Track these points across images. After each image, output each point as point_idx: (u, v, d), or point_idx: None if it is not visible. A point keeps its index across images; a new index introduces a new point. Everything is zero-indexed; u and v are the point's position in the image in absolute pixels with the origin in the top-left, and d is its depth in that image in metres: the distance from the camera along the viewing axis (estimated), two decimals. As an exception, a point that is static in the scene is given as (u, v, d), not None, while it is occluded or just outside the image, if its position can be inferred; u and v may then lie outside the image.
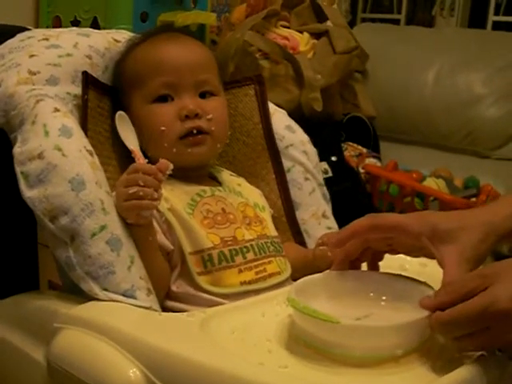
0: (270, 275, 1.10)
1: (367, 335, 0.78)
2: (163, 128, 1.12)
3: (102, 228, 0.98)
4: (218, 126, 1.16)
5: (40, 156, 0.99)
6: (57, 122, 1.03)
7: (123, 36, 1.29)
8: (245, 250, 1.09)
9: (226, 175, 1.23)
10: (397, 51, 2.64)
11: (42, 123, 1.02)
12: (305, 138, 1.38)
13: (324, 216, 1.34)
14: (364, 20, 3.19)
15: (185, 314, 0.95)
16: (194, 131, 1.13)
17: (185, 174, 1.13)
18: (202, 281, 1.05)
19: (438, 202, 1.92)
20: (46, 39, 1.19)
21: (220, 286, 1.05)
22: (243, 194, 1.20)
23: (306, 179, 1.34)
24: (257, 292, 1.07)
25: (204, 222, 1.09)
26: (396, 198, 2.00)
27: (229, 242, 1.08)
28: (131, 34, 1.31)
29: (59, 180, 0.98)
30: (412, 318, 0.79)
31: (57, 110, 1.06)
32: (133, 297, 0.98)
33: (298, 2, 2.52)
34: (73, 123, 1.05)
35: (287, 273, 1.14)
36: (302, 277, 0.96)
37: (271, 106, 1.38)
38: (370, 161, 2.14)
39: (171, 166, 1.03)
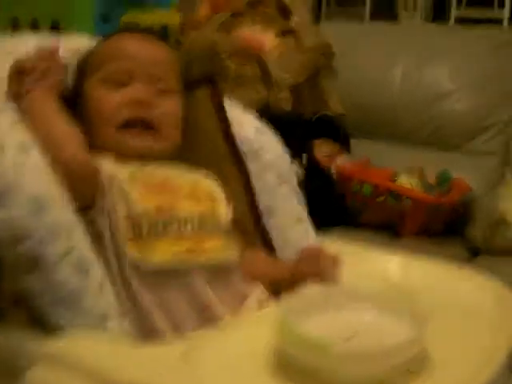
0: (208, 251, 1.05)
1: (360, 361, 0.76)
2: (106, 110, 1.10)
3: (68, 252, 0.93)
4: (169, 123, 1.13)
5: None
6: (14, 137, 0.98)
7: (84, 42, 1.25)
8: (182, 221, 1.05)
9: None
10: (362, 48, 2.61)
11: None
12: (275, 140, 1.35)
13: (300, 220, 1.31)
14: (328, 15, 3.17)
15: (162, 343, 0.91)
16: (138, 121, 1.10)
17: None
18: (130, 247, 1.00)
19: (410, 200, 1.90)
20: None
21: (147, 257, 0.99)
22: (198, 179, 1.14)
23: (279, 183, 1.31)
24: (189, 270, 1.02)
25: (141, 190, 1.04)
26: (369, 197, 1.97)
27: (164, 211, 1.04)
28: (92, 39, 1.26)
29: (19, 202, 0.92)
30: (402, 339, 0.78)
31: (14, 123, 1.01)
32: (104, 326, 0.93)
33: (261, 1, 2.48)
34: (33, 137, 1.00)
35: (233, 256, 1.08)
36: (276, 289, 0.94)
37: (239, 110, 1.35)
38: (342, 159, 2.11)
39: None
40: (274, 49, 2.35)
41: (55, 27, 2.13)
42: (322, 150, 2.17)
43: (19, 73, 1.07)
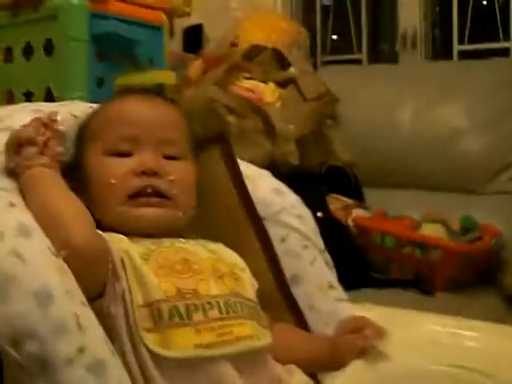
0: (238, 339, 0.92)
1: None
2: (113, 181, 0.99)
3: (80, 351, 0.80)
4: (182, 191, 1.02)
5: None
6: (12, 220, 0.87)
7: (80, 109, 1.14)
8: (207, 306, 0.92)
9: (200, 241, 1.06)
10: (365, 92, 2.52)
11: None
12: (295, 199, 1.24)
13: (331, 287, 1.19)
14: (324, 63, 3.08)
15: None
16: (149, 190, 0.99)
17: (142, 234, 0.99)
18: (149, 339, 0.87)
19: (440, 250, 1.77)
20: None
21: (169, 348, 0.87)
22: (215, 251, 1.03)
23: (305, 247, 1.19)
24: (217, 359, 0.89)
25: (159, 272, 0.92)
26: (393, 250, 1.84)
27: (187, 295, 0.91)
28: (89, 105, 1.15)
29: (20, 295, 0.80)
30: None
31: (12, 204, 0.89)
32: None
33: (258, 52, 2.40)
34: (33, 219, 0.88)
35: (265, 340, 0.96)
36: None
37: (253, 168, 1.24)
38: (358, 212, 1.99)
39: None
40: (275, 100, 2.25)
41: (49, 95, 2.02)
42: (336, 202, 2.05)
43: (16, 146, 0.97)
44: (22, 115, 1.04)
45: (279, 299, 1.14)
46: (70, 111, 1.11)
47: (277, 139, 2.05)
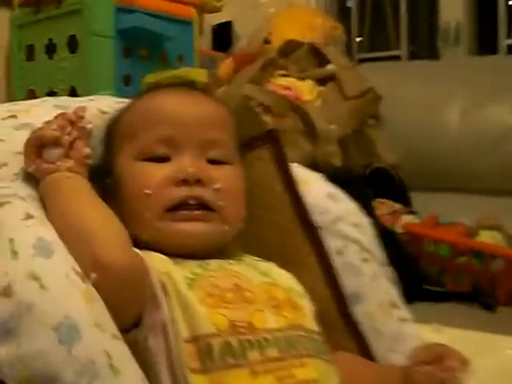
0: (301, 382, 0.77)
1: None
2: (148, 191, 0.84)
3: None
4: (229, 201, 0.87)
5: (6, 292, 0.68)
6: (29, 235, 0.73)
7: (109, 104, 1.00)
8: (264, 342, 0.77)
9: (249, 259, 0.92)
10: (407, 89, 2.39)
11: (7, 238, 0.72)
12: (352, 206, 1.09)
13: (394, 305, 1.04)
14: (361, 61, 2.93)
15: None
16: (191, 202, 0.84)
17: (182, 253, 0.84)
18: (197, 381, 0.72)
19: (501, 259, 1.61)
20: (14, 116, 0.91)
21: None
22: (269, 273, 0.88)
23: (365, 260, 1.05)
24: None
25: (207, 301, 0.78)
26: (448, 259, 1.68)
27: (241, 329, 0.76)
28: (119, 100, 1.01)
29: (39, 328, 0.66)
30: None
31: (29, 216, 0.75)
32: None
33: (294, 47, 2.25)
34: (53, 234, 0.74)
35: (333, 381, 0.81)
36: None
37: (303, 171, 1.09)
38: (407, 218, 1.84)
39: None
40: (314, 98, 2.10)
41: (73, 94, 1.90)
42: (382, 207, 1.89)
43: (38, 146, 0.84)
44: (42, 111, 0.91)
45: (337, 320, 1.00)
46: (98, 106, 0.98)
47: (318, 140, 1.90)
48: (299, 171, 1.07)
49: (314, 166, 1.86)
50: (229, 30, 3.00)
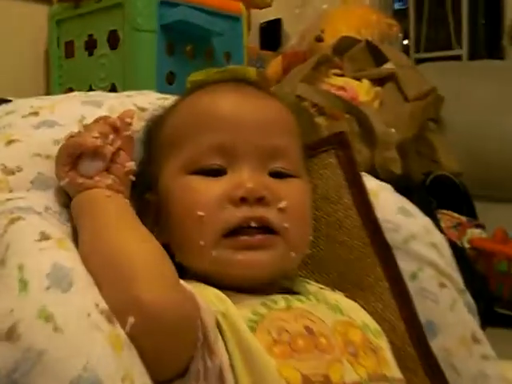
0: None
1: None
2: (201, 213, 0.70)
3: None
4: (296, 223, 0.73)
5: (11, 334, 0.54)
6: (44, 261, 0.59)
7: (149, 100, 0.86)
8: None
9: (314, 287, 0.78)
10: (470, 91, 2.20)
11: (15, 265, 0.58)
12: (427, 222, 0.94)
13: (475, 340, 0.88)
14: (419, 61, 2.75)
15: None
16: (253, 224, 0.69)
17: (240, 285, 0.71)
18: None
19: None
20: (35, 113, 0.78)
21: None
22: (342, 309, 0.75)
23: (442, 286, 0.90)
24: None
25: (275, 349, 0.64)
26: (523, 279, 1.51)
27: None
28: (160, 96, 0.88)
29: (51, 382, 0.51)
30: None
31: (45, 236, 0.62)
32: None
33: (350, 45, 2.09)
34: (74, 260, 0.60)
35: None
36: None
37: (370, 180, 0.94)
38: (474, 232, 1.66)
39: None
40: (371, 99, 1.94)
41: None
42: (446, 220, 1.72)
43: (74, 156, 0.71)
44: (68, 107, 0.78)
45: (412, 357, 0.84)
46: (136, 102, 0.84)
47: (376, 144, 1.74)
48: (366, 180, 0.92)
49: (371, 173, 1.71)
50: (278, 28, 2.86)
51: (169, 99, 0.88)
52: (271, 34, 2.85)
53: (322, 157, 0.88)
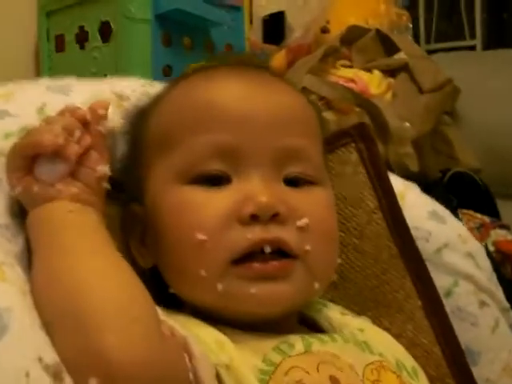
0: None
1: None
2: (201, 237, 0.56)
3: None
4: (320, 244, 0.59)
5: None
6: None
7: (132, 87, 0.72)
8: None
9: (334, 313, 0.64)
10: (486, 82, 2.07)
11: None
12: (461, 228, 0.81)
13: None
14: (430, 52, 2.61)
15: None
16: (267, 249, 0.56)
17: (250, 322, 0.58)
18: None
19: None
20: None
21: None
22: (372, 345, 0.61)
23: (482, 304, 0.77)
24: None
25: None
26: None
27: None
28: (146, 82, 0.74)
29: None
30: None
31: None
32: None
33: (358, 34, 1.95)
34: (13, 295, 0.48)
35: None
36: None
37: (395, 179, 0.81)
38: (498, 233, 1.53)
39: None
40: (383, 92, 1.81)
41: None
42: (468, 220, 1.59)
43: (29, 157, 0.58)
44: (29, 94, 0.64)
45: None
46: (114, 89, 0.70)
47: (391, 140, 1.61)
48: (395, 180, 0.79)
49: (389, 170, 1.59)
50: (281, 21, 2.72)
51: (155, 86, 0.75)
52: (274, 27, 2.71)
53: (339, 152, 0.75)
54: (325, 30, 2.34)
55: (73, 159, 0.58)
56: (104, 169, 0.60)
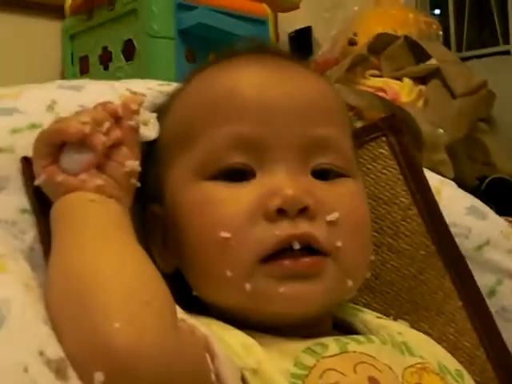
0: None
1: None
2: (225, 234, 0.53)
3: None
4: (352, 240, 0.55)
5: None
6: None
7: (148, 86, 0.69)
8: None
9: (370, 317, 0.59)
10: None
11: None
12: (503, 224, 0.76)
13: None
14: (462, 60, 2.56)
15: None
16: (296, 246, 0.52)
17: (280, 324, 0.54)
18: None
19: None
20: None
21: None
22: (412, 347, 0.56)
23: None
24: None
25: None
26: None
27: None
28: (163, 83, 0.71)
29: None
30: None
31: None
32: None
33: (387, 42, 1.91)
34: (14, 285, 0.44)
35: None
36: None
37: (430, 174, 0.77)
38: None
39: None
40: (414, 99, 1.76)
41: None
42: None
43: (55, 146, 0.55)
44: (37, 93, 0.62)
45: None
46: (130, 87, 0.67)
47: (424, 147, 1.55)
48: (431, 176, 0.74)
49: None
50: (308, 36, 2.69)
51: (173, 86, 0.72)
52: (301, 42, 2.69)
53: (369, 147, 0.71)
54: (352, 43, 2.30)
55: (99, 149, 0.55)
56: (133, 164, 0.57)
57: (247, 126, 0.57)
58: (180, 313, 0.50)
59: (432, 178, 0.75)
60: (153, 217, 0.62)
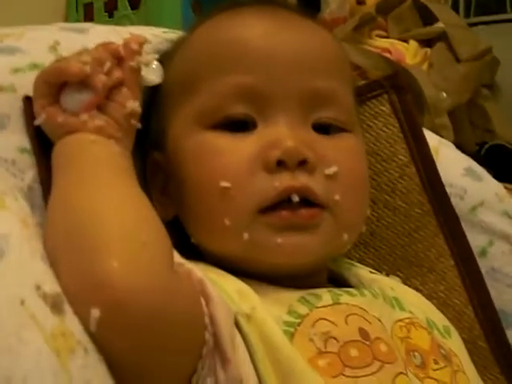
0: None
1: None
2: (225, 184, 0.54)
3: None
4: (350, 194, 0.57)
5: None
6: None
7: (153, 32, 0.70)
8: None
9: (363, 271, 0.61)
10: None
11: None
12: (497, 186, 0.77)
13: None
14: (470, 25, 2.54)
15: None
16: (295, 198, 0.53)
17: (276, 274, 0.55)
18: None
19: None
20: None
21: None
22: (402, 302, 0.58)
23: None
24: None
25: (319, 363, 0.48)
26: None
27: None
28: (167, 30, 0.72)
29: None
30: None
31: None
32: None
33: (395, 4, 1.90)
34: (11, 222, 0.44)
35: None
36: None
37: (429, 135, 0.77)
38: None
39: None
40: (419, 62, 1.76)
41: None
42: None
43: (55, 85, 0.55)
44: (39, 34, 0.62)
45: (484, 352, 0.68)
46: (134, 33, 0.68)
47: (427, 109, 1.56)
48: (429, 136, 0.75)
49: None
50: (316, -6, 2.68)
51: (178, 34, 0.72)
52: (309, 1, 2.67)
53: (371, 104, 0.71)
54: (361, 2, 2.28)
55: (99, 89, 0.55)
56: (134, 105, 0.57)
57: (250, 75, 0.58)
58: (178, 258, 0.51)
59: (431, 138, 0.76)
60: (154, 164, 0.63)
